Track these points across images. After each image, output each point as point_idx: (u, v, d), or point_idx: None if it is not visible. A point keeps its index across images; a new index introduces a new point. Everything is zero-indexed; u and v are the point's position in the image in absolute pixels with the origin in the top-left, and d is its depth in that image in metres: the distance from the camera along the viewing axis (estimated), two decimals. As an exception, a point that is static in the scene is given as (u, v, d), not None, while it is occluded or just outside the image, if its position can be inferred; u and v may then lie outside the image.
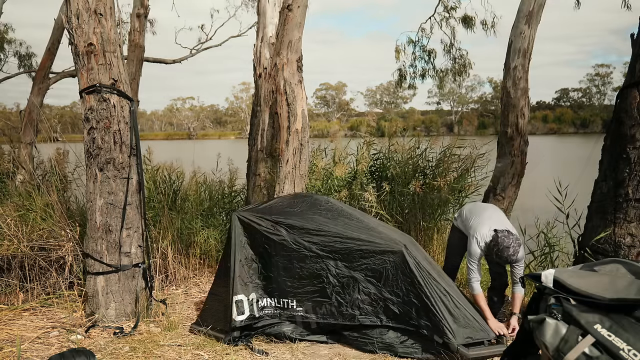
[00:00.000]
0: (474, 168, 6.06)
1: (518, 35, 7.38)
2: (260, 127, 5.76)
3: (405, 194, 5.76)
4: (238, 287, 3.74)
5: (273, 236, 3.83)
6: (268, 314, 3.79)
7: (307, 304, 3.73)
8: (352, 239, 3.71)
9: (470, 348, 3.47)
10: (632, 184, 3.67)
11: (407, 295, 3.55)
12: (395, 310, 3.57)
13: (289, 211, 4.01)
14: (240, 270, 3.80)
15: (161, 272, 5.10)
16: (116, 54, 4.00)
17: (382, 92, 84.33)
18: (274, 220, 3.88)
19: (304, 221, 3.88)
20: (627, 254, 3.70)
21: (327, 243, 3.75)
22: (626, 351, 1.57)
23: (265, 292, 3.83)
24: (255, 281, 3.84)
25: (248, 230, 3.90)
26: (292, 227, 3.84)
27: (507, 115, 7.46)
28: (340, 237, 3.74)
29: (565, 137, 62.02)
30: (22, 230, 4.62)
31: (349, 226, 3.85)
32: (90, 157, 3.99)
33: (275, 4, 5.72)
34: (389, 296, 3.59)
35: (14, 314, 4.16)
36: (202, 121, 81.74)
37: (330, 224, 3.84)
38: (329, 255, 3.73)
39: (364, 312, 3.62)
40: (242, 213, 3.99)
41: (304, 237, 3.80)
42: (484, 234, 3.87)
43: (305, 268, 3.75)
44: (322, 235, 3.78)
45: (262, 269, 3.85)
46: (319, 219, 3.90)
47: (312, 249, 3.76)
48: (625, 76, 3.97)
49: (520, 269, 3.87)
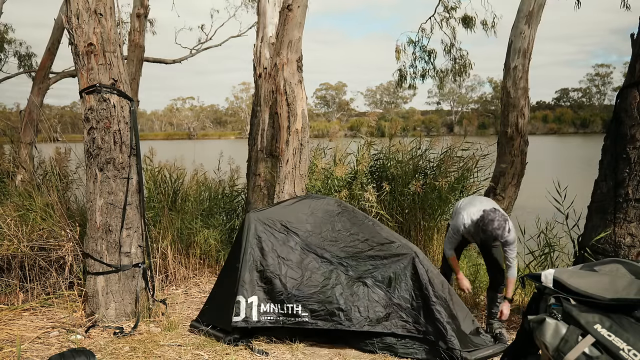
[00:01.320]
0: (476, 168, 6.06)
1: (518, 35, 7.39)
2: (260, 127, 5.75)
3: (406, 194, 5.76)
4: (239, 288, 3.74)
5: (284, 240, 3.87)
6: (270, 320, 3.68)
7: (314, 310, 3.65)
8: (365, 241, 3.80)
9: (472, 352, 3.51)
10: (632, 184, 3.67)
11: (417, 300, 3.59)
12: (403, 315, 3.60)
13: (301, 216, 4.01)
14: (245, 272, 3.79)
15: (161, 272, 5.10)
16: (116, 54, 3.99)
17: (382, 92, 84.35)
18: (286, 225, 3.92)
19: (316, 227, 3.93)
20: (627, 254, 3.69)
21: (339, 248, 3.82)
22: (626, 351, 1.58)
23: (269, 296, 3.72)
24: (260, 284, 3.76)
25: (260, 232, 3.90)
26: (304, 232, 3.89)
27: (507, 115, 7.46)
28: (352, 242, 3.82)
29: (565, 137, 62.04)
30: (22, 230, 4.61)
31: (362, 231, 3.91)
32: (90, 157, 3.99)
33: (275, 4, 5.72)
34: (398, 302, 3.62)
35: (14, 314, 4.15)
36: (202, 121, 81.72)
37: (342, 230, 3.90)
38: (340, 262, 3.78)
39: (372, 318, 3.60)
40: (256, 214, 4.01)
41: (316, 242, 3.85)
42: (472, 212, 3.94)
43: (315, 273, 3.75)
44: (334, 241, 3.86)
45: (269, 272, 3.77)
46: (332, 224, 3.95)
47: (323, 255, 3.80)
48: (625, 76, 3.97)
49: (512, 252, 3.91)
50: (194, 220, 5.67)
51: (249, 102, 58.86)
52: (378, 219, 5.53)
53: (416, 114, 75.54)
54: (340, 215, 4.07)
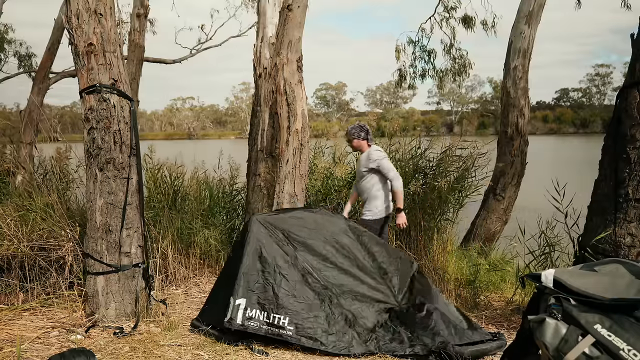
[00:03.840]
0: (474, 168, 6.06)
1: (518, 35, 7.39)
2: (260, 127, 5.75)
3: (405, 194, 5.76)
4: (233, 289, 3.72)
5: (284, 250, 3.88)
6: (253, 326, 3.62)
7: (300, 326, 3.63)
8: (357, 277, 3.97)
9: (466, 346, 3.59)
10: (632, 184, 3.67)
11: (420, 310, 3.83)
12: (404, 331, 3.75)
13: (305, 230, 4.02)
14: (241, 273, 3.77)
15: (161, 272, 5.09)
16: (116, 54, 3.99)
17: (382, 92, 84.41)
18: (288, 236, 3.95)
19: (318, 244, 3.97)
20: (627, 254, 3.69)
21: (333, 274, 3.91)
22: (626, 351, 1.58)
23: (257, 303, 3.68)
24: (251, 288, 3.72)
25: (262, 236, 3.90)
26: (304, 247, 3.93)
27: (507, 115, 7.46)
28: (347, 272, 3.96)
29: (565, 137, 62.04)
30: (22, 230, 4.61)
31: (358, 264, 4.02)
32: (90, 157, 3.99)
33: (275, 4, 5.72)
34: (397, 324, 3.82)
35: (14, 314, 4.15)
36: (202, 121, 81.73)
37: (341, 255, 3.99)
38: (332, 287, 3.85)
39: (360, 340, 3.66)
40: (260, 218, 4.02)
41: (313, 260, 3.90)
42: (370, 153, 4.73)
43: (307, 290, 3.76)
44: (331, 265, 3.94)
45: (263, 278, 3.76)
46: (333, 246, 4.00)
47: (318, 275, 3.86)
48: (625, 76, 3.97)
49: (389, 173, 4.62)
50: (194, 220, 5.67)
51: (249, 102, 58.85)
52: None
53: (416, 114, 75.49)
54: (345, 236, 4.08)
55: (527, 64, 7.42)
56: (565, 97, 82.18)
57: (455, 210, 5.99)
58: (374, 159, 4.59)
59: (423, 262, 5.49)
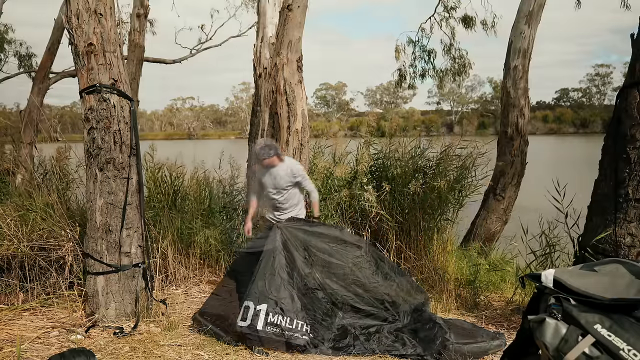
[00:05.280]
0: (474, 167, 6.05)
1: (518, 35, 7.39)
2: (260, 127, 5.75)
3: (405, 194, 5.75)
4: (251, 294, 3.75)
5: (304, 262, 3.95)
6: (275, 332, 3.65)
7: (322, 334, 3.75)
8: (365, 299, 4.05)
9: (468, 345, 3.63)
10: (632, 184, 3.67)
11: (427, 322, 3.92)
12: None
13: (326, 247, 4.08)
14: (260, 279, 3.80)
15: (161, 272, 5.09)
16: (116, 54, 3.99)
17: (382, 92, 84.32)
18: (308, 249, 4.01)
19: (338, 265, 4.04)
20: (627, 254, 3.69)
21: (345, 293, 4.01)
22: (626, 351, 1.57)
23: (281, 308, 3.72)
24: (273, 295, 3.76)
25: (285, 245, 3.96)
26: (323, 263, 4.01)
27: (507, 115, 7.46)
28: (356, 295, 4.05)
29: (565, 137, 62.02)
30: (22, 230, 4.61)
31: (367, 289, 4.08)
32: (90, 157, 3.99)
33: (275, 4, 5.72)
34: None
35: (14, 314, 4.15)
36: (202, 121, 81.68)
37: (353, 277, 4.06)
38: (343, 304, 4.00)
39: (382, 347, 3.72)
40: (285, 226, 4.08)
41: (327, 278, 3.99)
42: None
43: (320, 303, 3.90)
44: (342, 287, 4.02)
45: (286, 286, 3.81)
46: (350, 267, 4.07)
47: (331, 293, 3.99)
48: (625, 76, 3.97)
49: (305, 182, 4.46)
50: (194, 219, 5.66)
51: (249, 102, 58.87)
52: (378, 219, 5.54)
53: (416, 114, 75.40)
54: (363, 260, 4.14)
55: (527, 64, 7.42)
56: (565, 97, 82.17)
57: (455, 210, 5.98)
58: (299, 173, 4.42)
59: (423, 262, 5.49)
